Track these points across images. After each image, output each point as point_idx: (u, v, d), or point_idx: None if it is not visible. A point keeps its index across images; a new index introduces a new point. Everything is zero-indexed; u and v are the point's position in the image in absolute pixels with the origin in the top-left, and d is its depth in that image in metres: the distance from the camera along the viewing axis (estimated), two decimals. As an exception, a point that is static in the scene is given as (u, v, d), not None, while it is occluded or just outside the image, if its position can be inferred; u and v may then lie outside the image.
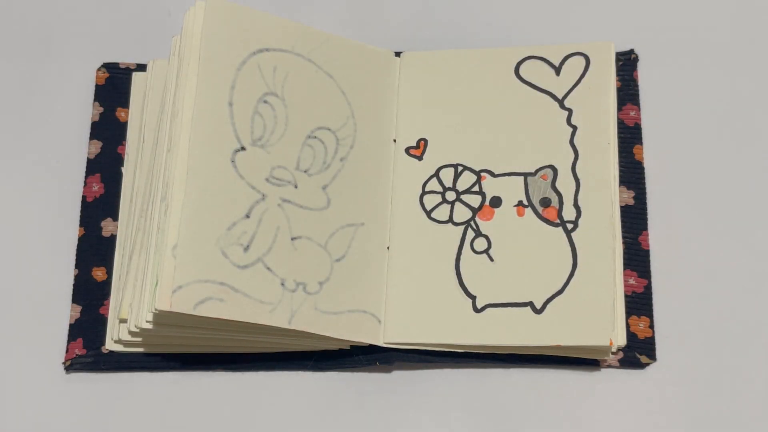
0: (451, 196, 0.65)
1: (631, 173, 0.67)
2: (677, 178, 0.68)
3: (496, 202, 0.64)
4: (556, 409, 0.63)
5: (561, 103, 0.66)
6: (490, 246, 0.63)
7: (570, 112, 0.65)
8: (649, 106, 0.70)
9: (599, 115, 0.65)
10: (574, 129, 0.65)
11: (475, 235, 0.64)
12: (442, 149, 0.66)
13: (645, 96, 0.70)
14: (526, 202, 0.64)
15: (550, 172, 0.64)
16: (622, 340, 0.61)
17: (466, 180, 0.65)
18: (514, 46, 0.68)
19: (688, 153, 0.69)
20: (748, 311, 0.65)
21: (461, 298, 0.62)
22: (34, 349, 0.66)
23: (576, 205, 0.63)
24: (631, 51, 0.71)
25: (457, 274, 0.63)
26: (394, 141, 0.67)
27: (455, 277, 0.63)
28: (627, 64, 0.70)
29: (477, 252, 0.63)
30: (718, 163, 0.68)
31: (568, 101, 0.65)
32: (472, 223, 0.64)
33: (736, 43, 0.71)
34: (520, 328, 0.61)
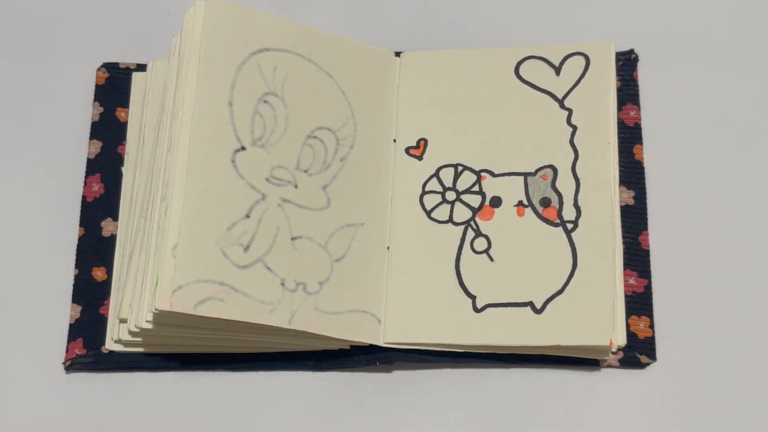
0: (451, 196, 0.65)
1: (631, 173, 0.67)
2: (677, 178, 0.68)
3: (496, 202, 0.64)
4: (556, 409, 0.63)
5: (561, 103, 0.66)
6: (490, 246, 0.63)
7: (570, 112, 0.65)
8: (649, 106, 0.70)
9: (599, 115, 0.65)
10: (574, 129, 0.65)
11: (475, 235, 0.64)
12: (442, 149, 0.66)
13: (645, 96, 0.70)
14: (526, 202, 0.64)
15: (550, 172, 0.64)
16: (622, 340, 0.61)
17: (466, 180, 0.65)
18: (514, 46, 0.68)
19: (688, 153, 0.69)
20: (748, 311, 0.65)
21: (461, 298, 0.62)
22: (34, 349, 0.66)
23: (576, 205, 0.63)
24: (631, 51, 0.71)
25: (457, 274, 0.63)
26: (394, 141, 0.67)
27: (455, 277, 0.63)
28: (627, 64, 0.70)
29: (477, 252, 0.63)
30: (718, 163, 0.68)
31: (568, 101, 0.65)
32: (472, 223, 0.64)
33: (736, 43, 0.71)
34: (520, 328, 0.61)
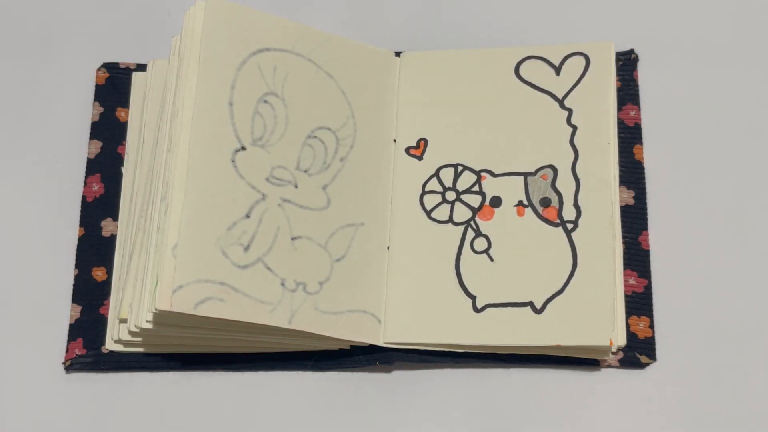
0: (451, 196, 0.65)
1: (631, 173, 0.67)
2: (677, 178, 0.68)
3: (496, 202, 0.64)
4: (556, 409, 0.63)
5: (561, 103, 0.66)
6: (490, 246, 0.63)
7: (570, 112, 0.65)
8: (649, 106, 0.70)
9: (599, 115, 0.65)
10: (574, 129, 0.65)
11: (475, 235, 0.64)
12: (442, 149, 0.66)
13: (645, 96, 0.70)
14: (526, 202, 0.64)
15: (550, 172, 0.64)
16: (622, 340, 0.61)
17: (466, 180, 0.65)
18: (514, 46, 0.68)
19: (688, 153, 0.69)
20: (748, 311, 0.65)
21: (461, 298, 0.62)
22: (34, 349, 0.66)
23: (576, 205, 0.63)
24: (631, 51, 0.71)
25: (457, 274, 0.63)
26: (394, 141, 0.67)
27: (455, 277, 0.63)
28: (627, 64, 0.70)
29: (477, 252, 0.63)
30: (718, 163, 0.68)
31: (568, 101, 0.65)
32: (472, 223, 0.64)
33: (736, 43, 0.71)
34: (520, 328, 0.61)
